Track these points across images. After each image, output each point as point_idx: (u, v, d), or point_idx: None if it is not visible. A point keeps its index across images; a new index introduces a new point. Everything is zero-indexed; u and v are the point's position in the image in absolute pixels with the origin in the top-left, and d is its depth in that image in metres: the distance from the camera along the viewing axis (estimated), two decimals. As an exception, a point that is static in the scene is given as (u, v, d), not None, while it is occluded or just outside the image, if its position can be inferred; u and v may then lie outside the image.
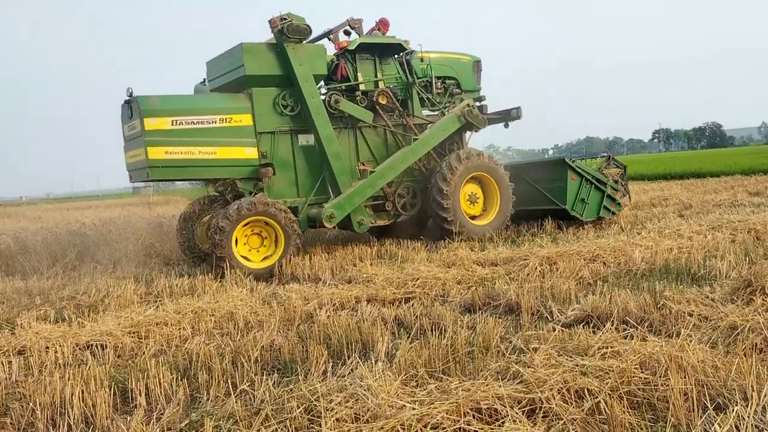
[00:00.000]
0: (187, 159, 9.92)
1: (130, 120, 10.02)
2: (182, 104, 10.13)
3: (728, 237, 9.20)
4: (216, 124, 10.06)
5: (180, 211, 12.61)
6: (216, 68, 10.99)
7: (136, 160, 10.04)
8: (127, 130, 10.21)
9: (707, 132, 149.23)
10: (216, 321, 6.52)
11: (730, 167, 28.70)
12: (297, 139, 10.77)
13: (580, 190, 12.06)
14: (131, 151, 10.24)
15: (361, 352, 5.24)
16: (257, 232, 9.97)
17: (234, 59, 10.34)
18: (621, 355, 4.15)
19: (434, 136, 11.61)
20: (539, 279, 7.45)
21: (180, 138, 9.79)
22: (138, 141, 9.82)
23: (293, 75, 10.38)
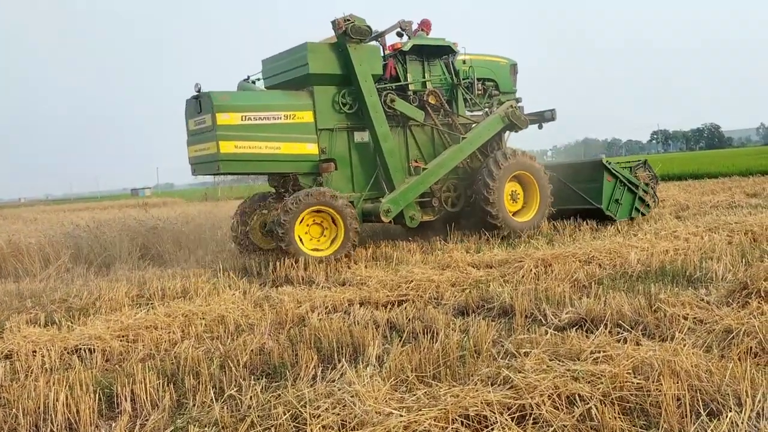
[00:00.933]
0: (255, 153, 10.30)
1: (197, 115, 10.36)
2: (251, 100, 10.55)
3: (725, 239, 9.14)
4: (281, 120, 10.47)
5: (174, 213, 12.57)
6: (275, 66, 11.27)
7: (205, 154, 10.36)
8: (193, 125, 10.56)
9: (705, 133, 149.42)
10: (206, 324, 6.44)
11: (728, 168, 28.69)
12: (353, 136, 11.17)
13: (615, 191, 12.50)
14: (198, 145, 10.55)
15: (351, 356, 5.18)
16: (318, 222, 10.29)
17: (297, 58, 10.71)
18: (614, 360, 4.08)
19: (480, 136, 12.00)
20: (534, 281, 7.39)
21: (249, 133, 10.18)
22: (208, 135, 10.16)
23: (353, 74, 10.76)
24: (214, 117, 9.98)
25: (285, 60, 11.01)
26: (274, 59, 11.34)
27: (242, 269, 9.96)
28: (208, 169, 10.62)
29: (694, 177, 27.40)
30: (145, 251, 12.58)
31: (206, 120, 10.19)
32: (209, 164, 10.40)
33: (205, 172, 10.88)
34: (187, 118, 10.75)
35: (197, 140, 10.56)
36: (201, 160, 10.58)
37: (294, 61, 10.78)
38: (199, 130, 10.44)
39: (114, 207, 32.75)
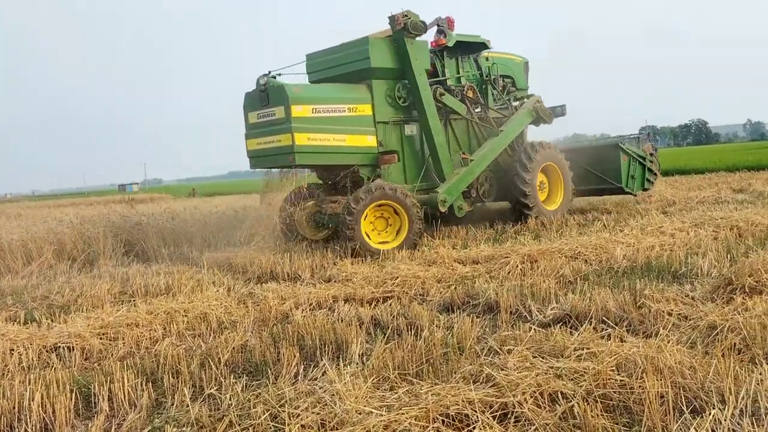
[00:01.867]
0: (324, 145, 10.51)
1: (263, 107, 10.50)
2: (319, 93, 10.74)
3: (711, 234, 9.15)
4: (345, 113, 10.74)
5: (160, 208, 12.43)
6: (327, 60, 11.44)
7: (274, 146, 10.48)
8: (256, 118, 10.68)
9: (693, 129, 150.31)
10: (188, 322, 6.35)
11: (714, 164, 28.85)
12: (404, 129, 11.50)
13: (630, 168, 13.73)
14: (264, 137, 10.65)
15: (334, 353, 5.11)
16: (383, 215, 10.50)
17: (358, 51, 10.97)
18: (597, 357, 4.05)
19: (514, 129, 12.67)
20: (520, 277, 7.35)
21: (319, 125, 10.41)
22: (279, 127, 10.28)
23: (409, 69, 11.08)
24: (288, 109, 10.12)
25: (342, 53, 11.19)
26: (325, 53, 11.52)
27: (227, 265, 9.86)
28: (276, 161, 10.73)
29: (681, 172, 27.53)
30: (130, 247, 12.45)
31: (276, 112, 10.32)
32: (279, 156, 10.48)
33: (270, 164, 11.02)
34: (248, 111, 10.86)
35: (262, 133, 10.64)
36: (268, 152, 10.64)
37: (353, 55, 11.01)
38: (266, 123, 10.51)
39: (100, 203, 32.47)
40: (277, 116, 10.31)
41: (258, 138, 10.77)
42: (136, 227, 12.96)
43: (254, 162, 11.13)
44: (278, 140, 10.36)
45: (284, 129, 10.21)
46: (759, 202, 13.18)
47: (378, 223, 10.50)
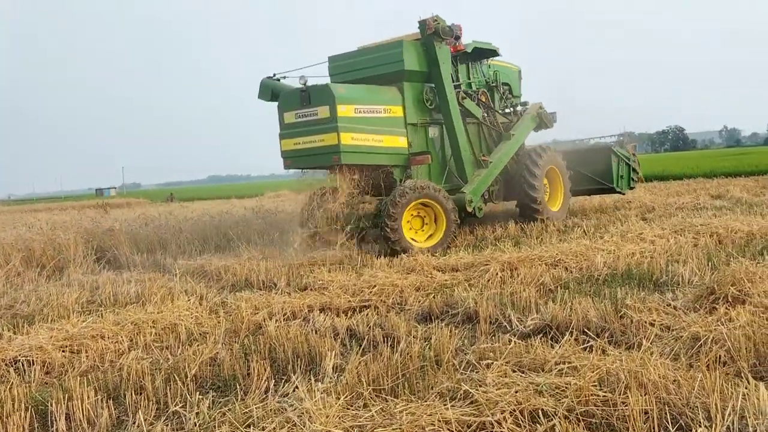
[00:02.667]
0: (365, 145, 10.67)
1: (303, 107, 10.56)
2: (359, 93, 10.80)
3: (691, 241, 9.09)
4: (381, 114, 10.93)
5: (134, 214, 12.11)
6: (356, 62, 11.55)
7: (316, 146, 10.52)
8: (294, 118, 10.74)
9: (670, 135, 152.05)
10: (157, 333, 6.11)
11: (692, 170, 29.09)
12: (428, 131, 11.75)
13: (619, 169, 14.42)
14: (303, 137, 10.67)
15: (307, 367, 4.92)
16: (420, 214, 10.68)
17: (391, 54, 11.15)
18: (579, 371, 3.89)
19: (523, 134, 13.12)
20: (499, 285, 7.21)
21: (361, 125, 10.57)
22: (322, 127, 10.36)
23: (436, 72, 11.35)
24: (334, 108, 10.21)
25: (373, 56, 11.39)
26: (352, 55, 11.66)
27: (201, 273, 9.60)
28: (317, 160, 10.76)
29: (660, 179, 27.68)
30: (101, 254, 12.13)
31: (319, 112, 10.39)
32: (321, 156, 10.53)
33: (309, 164, 11.04)
34: (284, 110, 10.90)
35: (301, 132, 10.66)
36: (307, 152, 10.66)
37: (386, 57, 11.19)
38: (307, 122, 10.54)
39: (75, 208, 31.88)
40: (321, 116, 10.38)
41: (295, 138, 10.79)
42: (108, 233, 12.63)
43: (291, 162, 11.11)
44: (321, 140, 10.43)
45: (329, 128, 10.28)
46: (737, 209, 13.19)
47: (415, 222, 10.68)
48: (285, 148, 11.02)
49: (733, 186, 19.26)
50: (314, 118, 10.44)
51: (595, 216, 13.94)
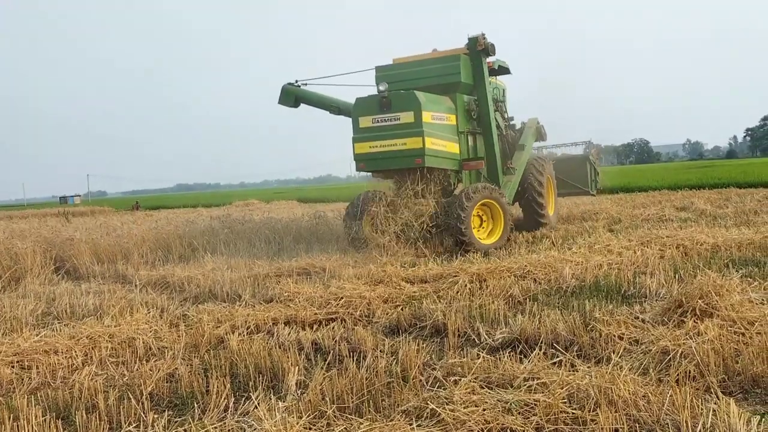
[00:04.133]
0: (439, 150, 11.49)
1: (382, 112, 11.30)
2: (432, 102, 11.54)
3: (657, 253, 9.13)
4: (445, 122, 11.79)
5: (112, 221, 11.74)
6: (405, 72, 12.25)
7: (397, 149, 11.23)
8: (370, 122, 11.43)
9: (635, 148, 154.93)
10: (113, 348, 5.86)
11: (657, 182, 29.56)
12: (469, 139, 12.56)
13: (590, 173, 15.82)
14: (380, 141, 11.36)
15: (270, 383, 4.74)
16: (478, 213, 11.43)
17: (449, 66, 12.04)
18: (548, 387, 3.80)
19: (530, 145, 14.02)
20: (468, 297, 7.12)
21: (436, 131, 11.42)
22: (406, 131, 11.13)
23: (481, 85, 12.39)
24: (419, 114, 11.05)
25: (429, 67, 12.15)
26: (403, 66, 12.37)
27: (163, 284, 9.33)
28: (397, 163, 11.34)
29: (626, 190, 28.06)
30: (61, 264, 11.76)
31: (402, 117, 11.16)
32: (402, 159, 11.23)
33: (386, 166, 11.54)
34: (359, 115, 11.54)
35: (378, 136, 11.36)
36: (386, 155, 11.32)
37: (444, 69, 12.04)
38: (386, 127, 11.28)
39: (36, 216, 31.03)
40: (404, 121, 11.14)
41: (372, 141, 11.42)
42: (68, 243, 12.25)
43: (366, 164, 11.69)
44: (404, 143, 11.16)
45: (414, 133, 11.08)
46: (702, 221, 13.37)
47: (474, 221, 11.35)
48: (359, 151, 11.58)
49: (697, 198, 19.59)
50: (396, 123, 11.21)
51: (563, 227, 14.00)
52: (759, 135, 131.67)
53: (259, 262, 10.57)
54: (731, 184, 25.85)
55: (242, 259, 11.22)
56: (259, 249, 12.54)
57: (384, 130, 11.31)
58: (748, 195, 20.20)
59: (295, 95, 14.14)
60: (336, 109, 13.99)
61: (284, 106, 14.26)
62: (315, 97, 14.26)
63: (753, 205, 16.29)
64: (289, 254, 11.55)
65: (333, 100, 14.12)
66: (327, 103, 14.14)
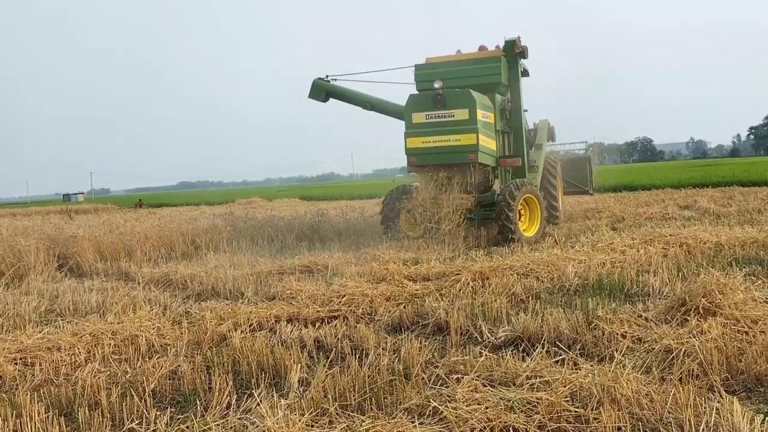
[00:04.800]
0: (486, 146, 12.00)
1: (436, 109, 11.73)
2: (482, 100, 11.98)
3: (660, 251, 9.12)
4: (488, 120, 12.25)
5: (115, 218, 11.74)
6: (446, 71, 12.56)
7: (450, 145, 11.69)
8: (423, 118, 11.87)
9: (639, 146, 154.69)
10: (116, 345, 5.86)
11: (661, 181, 29.50)
12: (501, 137, 13.08)
13: (590, 173, 16.39)
14: (432, 137, 11.82)
15: (272, 380, 4.74)
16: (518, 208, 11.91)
17: (490, 67, 12.60)
18: (551, 386, 3.79)
19: (545, 144, 14.55)
20: (471, 295, 7.11)
21: (485, 129, 11.95)
22: (460, 128, 11.61)
23: (515, 86, 13.14)
24: (474, 112, 11.56)
25: (470, 67, 12.61)
26: (444, 65, 12.75)
27: (166, 282, 9.35)
28: (449, 158, 11.78)
29: (629, 189, 28.02)
30: (64, 261, 11.78)
31: (457, 114, 11.62)
32: (454, 154, 11.70)
33: (438, 161, 11.90)
34: (412, 111, 11.94)
35: (431, 132, 11.80)
36: (438, 150, 11.76)
37: (485, 69, 12.56)
38: (440, 123, 11.74)
39: (40, 213, 31.08)
40: (458, 118, 11.61)
41: (424, 137, 11.86)
42: (71, 240, 12.27)
43: (418, 158, 12.02)
44: (457, 139, 11.63)
45: (469, 129, 11.57)
46: (705, 219, 13.34)
47: None
48: (411, 146, 11.98)
49: (700, 197, 19.55)
50: (450, 119, 11.65)
51: (566, 225, 13.98)
52: (762, 134, 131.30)
53: (262, 260, 10.59)
54: (735, 183, 25.80)
55: (245, 256, 11.24)
56: (262, 247, 12.58)
57: (438, 126, 11.76)
58: (752, 193, 20.16)
59: (326, 90, 14.40)
60: (369, 105, 14.23)
61: (314, 100, 14.58)
62: (347, 93, 14.49)
63: (757, 204, 16.26)
64: (292, 252, 11.58)
65: (366, 96, 14.37)
66: (360, 99, 14.41)
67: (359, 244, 12.24)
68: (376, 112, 14.32)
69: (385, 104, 14.24)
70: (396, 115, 14.02)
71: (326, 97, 14.52)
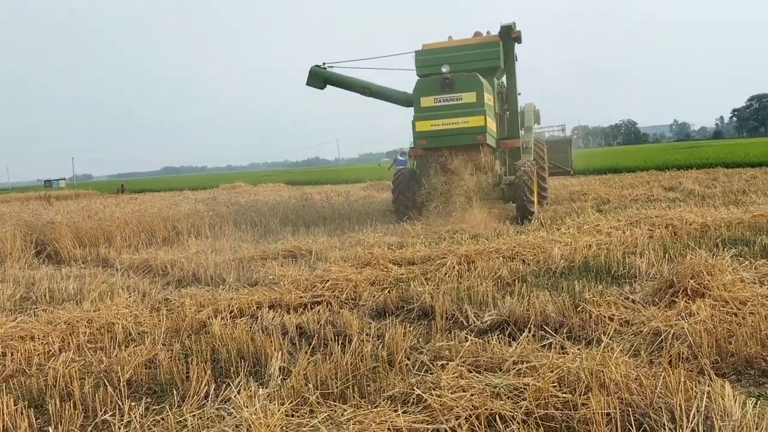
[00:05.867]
0: (491, 128, 12.28)
1: (445, 92, 11.91)
2: (486, 84, 12.09)
3: (646, 233, 9.06)
4: (490, 103, 12.38)
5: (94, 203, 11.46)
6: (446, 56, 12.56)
7: (458, 127, 11.90)
8: (432, 102, 12.02)
9: (623, 129, 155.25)
10: (91, 333, 5.70)
11: (645, 163, 29.54)
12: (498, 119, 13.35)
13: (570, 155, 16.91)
14: (441, 119, 11.99)
15: (252, 368, 4.61)
16: None
17: (489, 51, 12.83)
18: (538, 371, 3.69)
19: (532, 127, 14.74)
20: (456, 279, 7.00)
21: (489, 111, 12.12)
22: (468, 110, 11.84)
23: (511, 70, 13.43)
24: (481, 95, 11.79)
25: (470, 52, 12.76)
26: (444, 51, 12.81)
27: (145, 268, 9.15)
28: (457, 140, 11.97)
29: (614, 171, 28.04)
30: (42, 248, 11.54)
31: (465, 97, 11.83)
32: (463, 136, 11.90)
33: (446, 143, 12.05)
34: (420, 95, 12.06)
35: (440, 115, 11.98)
36: (447, 132, 11.95)
37: (485, 54, 12.79)
38: (448, 106, 11.91)
39: (19, 199, 30.55)
40: (466, 101, 11.82)
41: (433, 120, 12.03)
42: (49, 226, 12.01)
43: (427, 141, 12.14)
44: (465, 122, 11.84)
45: (476, 112, 11.79)
46: (690, 200, 13.33)
47: None
48: (420, 129, 12.14)
49: (685, 178, 19.59)
50: (458, 102, 11.84)
51: (552, 208, 13.92)
52: (745, 116, 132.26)
53: (245, 245, 10.42)
54: (719, 164, 25.89)
55: (227, 241, 11.07)
56: (245, 232, 12.40)
57: (446, 109, 11.93)
58: (736, 175, 20.22)
59: (324, 77, 14.49)
60: (368, 91, 14.33)
61: (312, 87, 14.62)
62: (346, 80, 14.53)
63: (741, 185, 16.29)
64: (275, 237, 11.42)
65: (365, 83, 14.36)
66: (359, 85, 14.40)
67: (344, 228, 12.10)
68: (376, 98, 14.38)
69: (384, 90, 14.26)
70: (395, 101, 14.11)
71: (324, 84, 14.58)
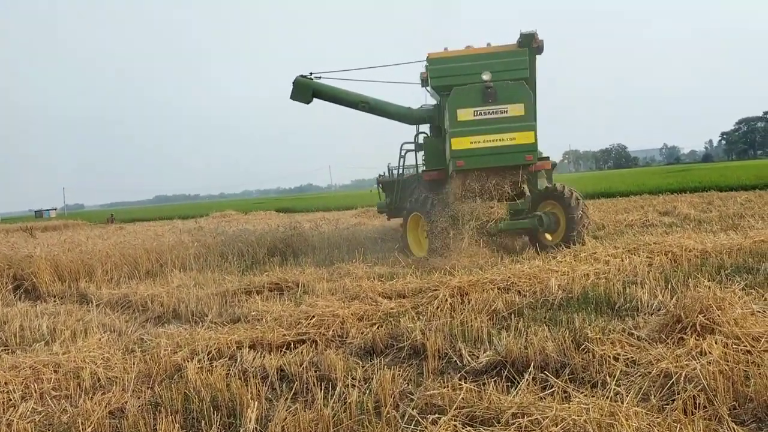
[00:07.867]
0: None
1: (486, 104, 10.33)
2: None
3: (645, 260, 8.74)
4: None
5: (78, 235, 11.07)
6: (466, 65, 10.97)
7: (504, 144, 10.34)
8: (473, 115, 10.39)
9: (613, 153, 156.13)
10: (57, 380, 5.28)
11: (638, 187, 29.40)
12: None
13: None
14: (483, 135, 10.37)
15: (227, 419, 4.21)
16: None
17: (516, 61, 10.98)
18: (540, 425, 3.33)
19: None
20: (449, 314, 6.63)
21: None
22: (515, 125, 10.29)
23: (533, 81, 11.18)
24: (530, 107, 10.28)
25: (495, 61, 11.01)
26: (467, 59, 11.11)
27: (124, 303, 8.75)
28: (504, 159, 10.42)
29: (606, 195, 27.87)
30: (20, 283, 11.10)
31: (510, 110, 10.31)
32: (510, 155, 10.35)
33: (491, 163, 10.48)
34: (458, 107, 10.43)
35: (481, 131, 10.37)
36: (491, 151, 10.36)
37: (511, 63, 10.98)
38: (491, 120, 10.36)
39: (2, 231, 29.98)
40: (512, 114, 10.29)
41: (473, 136, 10.39)
42: (27, 260, 11.58)
43: (466, 161, 10.44)
44: (512, 138, 10.29)
45: (525, 127, 10.28)
46: (687, 226, 13.07)
47: None
48: (457, 147, 10.43)
49: (679, 202, 19.38)
50: (503, 116, 10.31)
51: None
52: (734, 139, 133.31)
53: (229, 278, 10.03)
54: (712, 188, 25.75)
55: (212, 274, 10.68)
56: (231, 263, 12.00)
57: (489, 123, 10.39)
58: (730, 198, 20.03)
59: (312, 89, 12.62)
60: (366, 107, 12.60)
61: (298, 101, 12.73)
62: (339, 93, 12.76)
63: (737, 209, 16.07)
64: (262, 268, 11.05)
65: (362, 96, 12.69)
66: (354, 99, 12.69)
67: (333, 258, 11.74)
68: (375, 114, 12.75)
69: (385, 105, 12.66)
70: (398, 118, 12.72)
71: (311, 98, 12.68)
